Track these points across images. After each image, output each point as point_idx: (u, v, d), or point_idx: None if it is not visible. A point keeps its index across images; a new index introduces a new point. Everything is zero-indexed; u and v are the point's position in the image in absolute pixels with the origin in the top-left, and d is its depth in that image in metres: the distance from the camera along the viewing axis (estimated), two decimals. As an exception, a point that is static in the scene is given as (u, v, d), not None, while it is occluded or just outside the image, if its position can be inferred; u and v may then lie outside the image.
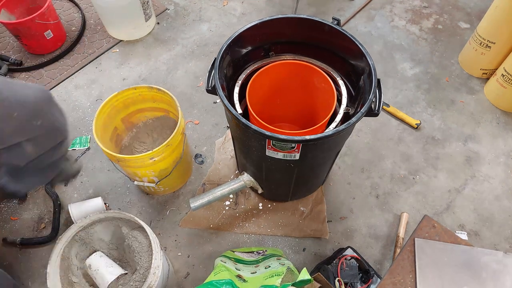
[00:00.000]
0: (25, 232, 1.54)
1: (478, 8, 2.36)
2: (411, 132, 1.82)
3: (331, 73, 1.31)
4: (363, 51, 1.13)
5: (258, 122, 1.12)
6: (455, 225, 1.56)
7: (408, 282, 0.90)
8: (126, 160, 1.28)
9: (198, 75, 2.03)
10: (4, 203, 1.61)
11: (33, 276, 1.44)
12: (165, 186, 1.57)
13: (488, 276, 0.91)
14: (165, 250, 1.49)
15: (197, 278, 1.43)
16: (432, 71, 2.05)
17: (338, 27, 1.20)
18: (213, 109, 1.90)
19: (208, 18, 2.30)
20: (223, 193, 1.36)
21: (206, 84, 1.14)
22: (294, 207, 1.59)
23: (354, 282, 1.27)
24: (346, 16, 2.30)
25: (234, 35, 1.19)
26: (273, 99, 1.44)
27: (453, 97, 1.95)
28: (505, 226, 1.55)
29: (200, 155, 1.74)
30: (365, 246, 1.50)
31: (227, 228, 1.54)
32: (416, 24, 2.28)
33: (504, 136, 1.81)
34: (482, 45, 1.88)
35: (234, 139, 1.38)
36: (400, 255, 0.95)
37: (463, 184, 1.67)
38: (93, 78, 2.00)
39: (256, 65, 1.34)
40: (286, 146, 1.04)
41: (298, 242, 1.51)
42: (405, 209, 1.59)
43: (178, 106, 1.37)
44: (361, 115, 1.02)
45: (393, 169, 1.71)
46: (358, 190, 1.65)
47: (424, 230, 0.98)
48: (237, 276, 1.12)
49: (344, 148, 1.74)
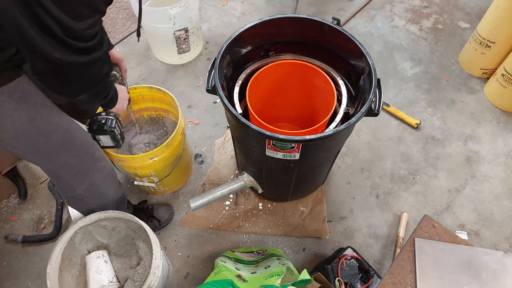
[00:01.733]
0: (25, 232, 1.53)
1: (478, 8, 2.36)
2: (411, 132, 1.82)
3: (331, 73, 1.31)
4: (363, 51, 1.13)
5: (258, 122, 1.12)
6: (455, 225, 1.56)
7: (408, 282, 0.90)
8: (126, 160, 1.28)
9: (198, 75, 2.03)
10: (4, 203, 1.61)
11: (33, 276, 1.44)
12: (165, 186, 1.57)
13: (488, 276, 0.90)
14: (165, 250, 1.49)
15: (197, 278, 1.43)
16: (432, 71, 2.05)
17: (338, 27, 1.20)
18: (213, 109, 1.90)
19: (208, 18, 2.30)
20: (223, 193, 1.36)
21: (206, 84, 1.14)
22: (294, 207, 1.59)
23: (354, 282, 1.27)
24: (346, 16, 2.30)
25: (234, 35, 1.19)
26: (273, 99, 1.44)
27: (453, 97, 1.95)
28: (505, 226, 1.55)
29: (200, 155, 1.74)
30: (365, 246, 1.50)
31: (227, 228, 1.54)
32: (416, 24, 2.28)
33: (504, 136, 1.81)
34: (482, 44, 1.88)
35: (234, 139, 1.38)
36: (400, 255, 0.95)
37: (463, 184, 1.67)
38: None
39: (256, 65, 1.34)
40: (286, 146, 1.04)
41: (298, 242, 1.51)
42: (405, 209, 1.59)
43: (178, 106, 1.37)
44: (361, 115, 1.02)
45: (393, 169, 1.71)
46: (358, 190, 1.65)
47: (424, 230, 0.98)
48: (237, 276, 1.12)
49: (344, 148, 1.74)
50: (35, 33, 0.67)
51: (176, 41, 1.91)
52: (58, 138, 0.96)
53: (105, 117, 1.08)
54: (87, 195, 1.12)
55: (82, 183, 1.08)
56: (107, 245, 1.21)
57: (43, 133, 0.92)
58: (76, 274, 1.16)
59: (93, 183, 1.11)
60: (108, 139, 1.10)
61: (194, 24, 1.91)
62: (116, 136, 1.10)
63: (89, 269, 1.11)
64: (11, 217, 1.58)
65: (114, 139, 1.11)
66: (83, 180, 1.08)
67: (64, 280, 1.13)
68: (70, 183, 1.07)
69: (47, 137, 0.93)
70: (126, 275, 1.16)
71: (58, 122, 0.96)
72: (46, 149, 0.95)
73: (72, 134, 0.99)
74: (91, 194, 1.13)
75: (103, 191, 1.15)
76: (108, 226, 1.20)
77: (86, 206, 1.16)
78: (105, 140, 1.11)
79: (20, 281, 1.43)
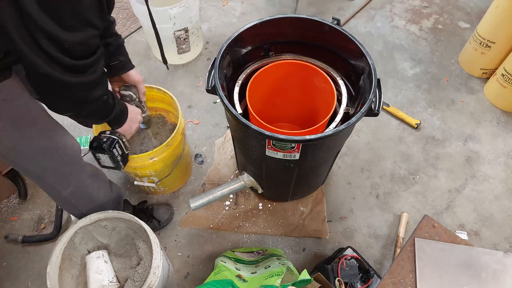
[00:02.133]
0: (25, 232, 1.53)
1: (478, 8, 2.36)
2: (411, 132, 1.82)
3: (331, 73, 1.31)
4: (363, 51, 1.13)
5: (258, 122, 1.12)
6: (455, 225, 1.56)
7: (408, 282, 0.90)
8: (126, 160, 1.28)
9: (198, 75, 2.03)
10: (4, 203, 1.61)
11: (33, 276, 1.44)
12: (165, 186, 1.57)
13: (488, 276, 0.91)
14: (165, 250, 1.49)
15: (197, 278, 1.43)
16: (432, 71, 2.05)
17: (338, 27, 1.20)
18: (213, 109, 1.90)
19: (208, 18, 2.30)
20: (223, 193, 1.36)
21: (206, 84, 1.14)
22: (294, 207, 1.59)
23: (354, 282, 1.27)
24: (346, 16, 2.30)
25: (234, 35, 1.19)
26: (273, 99, 1.44)
27: (453, 97, 1.95)
28: (505, 226, 1.55)
29: (200, 155, 1.74)
30: (365, 246, 1.50)
31: (227, 228, 1.54)
32: (416, 24, 2.28)
33: (504, 136, 1.81)
34: (482, 44, 1.88)
35: (234, 139, 1.38)
36: (400, 255, 0.95)
37: (463, 184, 1.67)
38: (93, 78, 1.99)
39: (256, 65, 1.34)
40: (286, 146, 1.04)
41: (298, 242, 1.51)
42: (405, 209, 1.59)
43: (178, 106, 1.37)
44: (361, 115, 1.02)
45: (393, 169, 1.71)
46: (358, 190, 1.65)
47: (424, 230, 0.98)
48: (237, 276, 1.12)
49: (344, 148, 1.74)
50: (23, 44, 0.65)
51: (176, 41, 1.91)
52: (42, 143, 0.94)
53: (108, 136, 1.05)
54: (74, 198, 1.11)
55: (67, 186, 1.06)
56: (107, 245, 1.21)
57: (26, 138, 0.90)
58: (76, 274, 1.16)
59: (80, 186, 1.09)
60: (107, 159, 1.07)
61: (194, 24, 1.91)
62: (116, 157, 1.07)
63: (89, 269, 1.11)
64: (11, 217, 1.58)
65: (113, 160, 1.08)
66: (68, 183, 1.06)
67: (64, 280, 1.13)
68: (54, 186, 1.05)
69: (30, 142, 0.91)
70: (126, 275, 1.16)
71: (42, 127, 0.93)
72: (28, 153, 0.93)
73: (56, 140, 0.97)
74: (78, 197, 1.11)
75: (93, 194, 1.14)
76: (108, 226, 1.20)
77: (76, 209, 1.15)
78: (104, 160, 1.08)
79: (20, 281, 1.43)
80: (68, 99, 0.82)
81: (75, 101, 0.83)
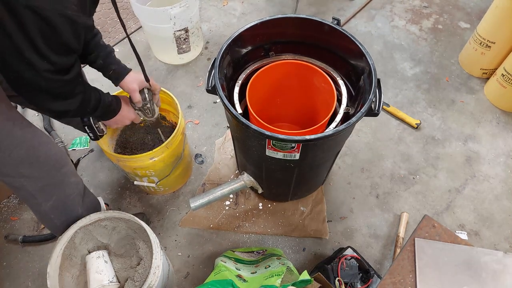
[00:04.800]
0: (25, 232, 1.53)
1: (478, 8, 2.36)
2: (411, 132, 1.82)
3: (331, 73, 1.31)
4: (363, 51, 1.13)
5: (258, 122, 1.12)
6: (455, 225, 1.56)
7: (408, 282, 0.90)
8: (126, 160, 1.28)
9: (198, 75, 2.03)
10: (4, 202, 1.61)
11: (33, 276, 1.44)
12: (165, 186, 1.57)
13: (488, 276, 0.91)
14: (165, 250, 1.49)
15: (197, 278, 1.43)
16: (432, 71, 2.05)
17: (338, 27, 1.20)
18: (213, 109, 1.90)
19: (208, 18, 2.30)
20: (223, 193, 1.36)
21: (206, 84, 1.14)
22: (294, 207, 1.59)
23: (354, 282, 1.27)
24: (346, 16, 2.30)
25: (234, 35, 1.19)
26: (273, 99, 1.44)
27: (453, 97, 1.95)
28: (505, 226, 1.55)
29: (200, 155, 1.74)
30: (365, 246, 1.50)
31: (227, 228, 1.54)
32: (416, 24, 2.28)
33: (504, 136, 1.81)
34: (482, 45, 1.88)
35: (234, 139, 1.38)
36: (400, 255, 0.95)
37: (463, 184, 1.67)
38: (94, 78, 1.99)
39: (256, 65, 1.34)
40: (286, 146, 1.04)
41: (298, 242, 1.51)
42: (405, 209, 1.59)
43: (178, 106, 1.38)
44: (361, 115, 1.02)
45: (393, 169, 1.71)
46: (358, 190, 1.65)
47: (424, 230, 0.98)
48: (237, 276, 1.12)
49: (344, 148, 1.74)
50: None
51: (176, 41, 1.91)
52: (21, 153, 0.93)
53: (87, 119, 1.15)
54: (53, 212, 1.11)
55: (49, 199, 1.07)
56: (107, 245, 1.21)
57: (5, 147, 0.90)
58: (76, 274, 1.16)
59: (60, 199, 1.10)
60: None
61: (194, 24, 1.91)
62: (88, 134, 1.17)
63: (89, 269, 1.11)
64: (11, 217, 1.58)
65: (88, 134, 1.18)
66: (50, 196, 1.06)
67: (64, 280, 1.13)
68: (36, 196, 1.05)
69: (9, 151, 0.91)
70: (126, 275, 1.16)
71: (21, 136, 0.93)
72: (8, 162, 0.93)
73: (37, 149, 0.97)
74: (57, 211, 1.12)
75: (71, 208, 1.14)
76: (108, 226, 1.20)
77: (52, 223, 1.15)
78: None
79: (20, 281, 1.43)
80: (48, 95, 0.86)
81: (57, 96, 0.87)
